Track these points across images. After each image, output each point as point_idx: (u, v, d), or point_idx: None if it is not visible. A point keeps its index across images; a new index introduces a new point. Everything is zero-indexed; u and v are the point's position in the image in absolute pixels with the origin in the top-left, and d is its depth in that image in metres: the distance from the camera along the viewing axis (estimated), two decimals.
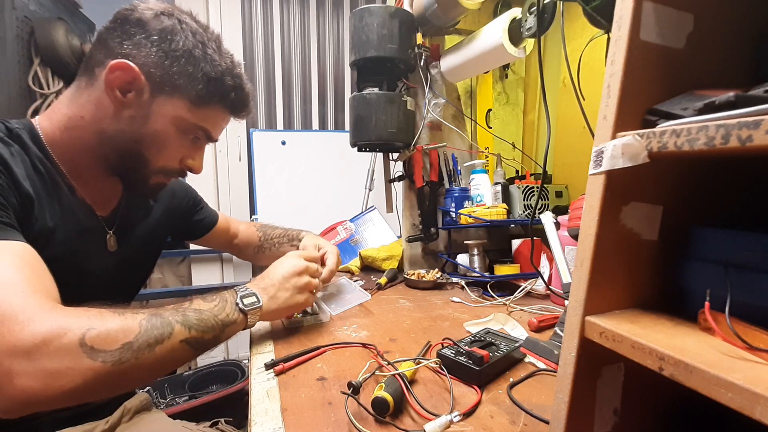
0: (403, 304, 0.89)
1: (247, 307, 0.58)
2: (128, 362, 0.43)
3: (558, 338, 0.63)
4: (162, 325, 0.47)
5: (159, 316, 0.48)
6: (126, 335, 0.44)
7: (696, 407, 0.35)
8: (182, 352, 0.49)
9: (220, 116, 0.64)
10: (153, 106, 0.57)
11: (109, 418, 0.66)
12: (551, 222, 0.74)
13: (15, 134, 0.54)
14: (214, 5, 1.93)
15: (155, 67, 0.56)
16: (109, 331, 0.43)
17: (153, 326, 0.46)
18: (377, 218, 1.40)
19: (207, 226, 0.93)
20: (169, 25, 0.56)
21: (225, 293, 0.58)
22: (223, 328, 0.54)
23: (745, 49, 0.35)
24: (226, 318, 0.55)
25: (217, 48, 0.60)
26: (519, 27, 0.88)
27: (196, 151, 0.66)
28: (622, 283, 0.33)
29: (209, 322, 0.52)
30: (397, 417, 0.46)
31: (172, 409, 1.33)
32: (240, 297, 0.58)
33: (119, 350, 0.43)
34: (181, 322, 0.49)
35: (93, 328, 0.42)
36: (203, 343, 0.51)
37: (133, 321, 0.45)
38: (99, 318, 0.44)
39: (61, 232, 0.56)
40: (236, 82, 0.62)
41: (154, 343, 0.45)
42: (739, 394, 0.22)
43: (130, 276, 0.74)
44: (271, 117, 2.13)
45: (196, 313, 0.52)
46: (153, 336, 0.45)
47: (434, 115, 1.13)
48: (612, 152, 0.30)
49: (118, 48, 0.55)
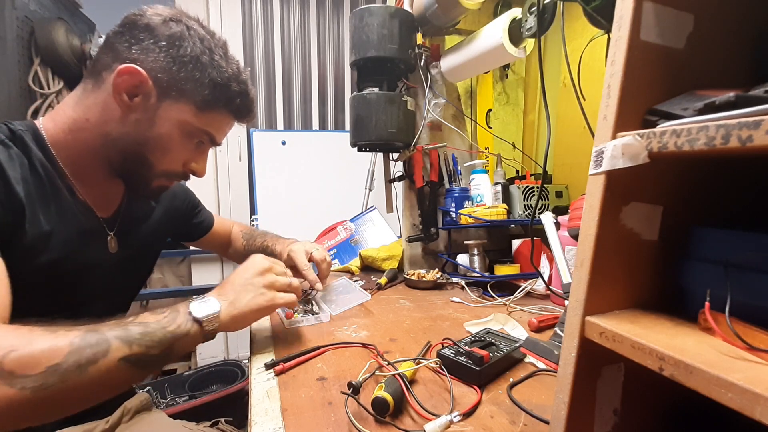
0: (403, 304, 0.89)
1: (201, 315, 0.52)
2: (53, 387, 0.38)
3: (558, 338, 0.63)
4: (97, 342, 0.42)
5: (95, 332, 0.43)
6: (52, 357, 0.39)
7: (696, 407, 0.35)
8: (122, 371, 0.44)
9: (225, 121, 0.65)
10: (159, 111, 0.58)
11: (110, 418, 0.66)
12: (551, 222, 0.74)
13: (17, 136, 0.54)
14: (214, 5, 1.93)
15: (163, 72, 0.56)
16: (33, 352, 0.39)
17: (87, 344, 0.42)
18: (377, 218, 1.40)
19: (204, 229, 0.94)
20: (177, 31, 0.57)
21: (178, 304, 0.54)
22: (174, 342, 0.49)
23: (745, 49, 0.35)
24: (177, 330, 0.49)
25: (224, 54, 0.61)
26: (519, 27, 0.88)
27: (199, 155, 0.66)
28: (622, 283, 0.33)
29: (155, 335, 0.47)
30: (397, 417, 0.46)
31: (172, 409, 1.33)
32: (193, 306, 0.53)
33: (42, 374, 0.38)
34: (121, 337, 0.44)
35: (15, 350, 0.38)
36: (148, 359, 0.46)
37: (63, 340, 0.41)
38: (26, 338, 0.40)
39: (60, 234, 0.56)
40: (242, 88, 0.63)
41: (86, 364, 0.41)
42: (739, 394, 0.22)
43: (130, 277, 0.74)
44: (271, 117, 2.13)
45: (141, 326, 0.47)
46: (84, 356, 0.41)
47: (434, 115, 1.13)
48: (612, 152, 0.30)
49: (126, 52, 0.56)
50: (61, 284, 0.58)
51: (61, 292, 0.58)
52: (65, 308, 0.45)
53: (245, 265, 0.63)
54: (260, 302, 0.59)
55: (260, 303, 0.58)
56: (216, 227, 0.96)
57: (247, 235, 0.98)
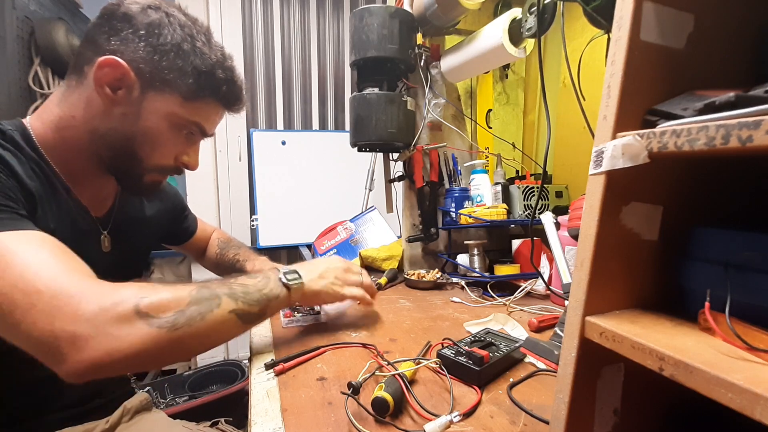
0: (403, 304, 0.89)
1: (290, 281, 0.60)
2: (182, 328, 0.45)
3: (558, 338, 0.63)
4: (210, 296, 0.49)
5: (207, 288, 0.50)
6: (178, 303, 0.46)
7: (696, 407, 0.35)
8: (231, 323, 0.51)
9: (213, 110, 0.63)
10: (144, 103, 0.56)
11: (109, 418, 0.66)
12: (551, 222, 0.74)
13: (8, 137, 0.53)
14: (214, 5, 1.93)
15: (144, 62, 0.55)
16: (161, 299, 0.45)
17: (202, 296, 0.48)
18: (377, 218, 1.40)
19: (190, 233, 0.94)
20: (156, 18, 0.55)
21: (267, 271, 0.61)
22: (268, 302, 0.56)
23: (746, 49, 0.35)
24: (270, 292, 0.57)
25: (207, 41, 0.59)
26: (519, 27, 0.88)
27: (190, 147, 0.65)
28: (622, 283, 0.33)
29: (254, 295, 0.54)
30: (397, 417, 0.46)
31: (172, 409, 1.34)
32: (283, 273, 0.61)
33: (173, 316, 0.45)
34: (228, 294, 0.51)
35: (145, 297, 0.44)
36: (250, 315, 0.53)
37: (183, 291, 0.48)
38: (150, 289, 0.46)
39: (60, 233, 0.55)
40: (227, 75, 0.61)
41: (205, 311, 0.47)
42: (739, 394, 0.22)
43: (124, 277, 0.73)
44: (271, 117, 2.13)
45: (242, 287, 0.54)
46: (204, 305, 0.48)
47: (434, 115, 1.13)
48: (612, 152, 0.30)
49: (105, 44, 0.54)
50: None
51: None
52: None
53: (330, 258, 0.75)
54: (335, 289, 0.68)
55: (335, 289, 0.68)
56: (199, 233, 0.96)
57: (222, 244, 0.97)
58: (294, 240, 2.02)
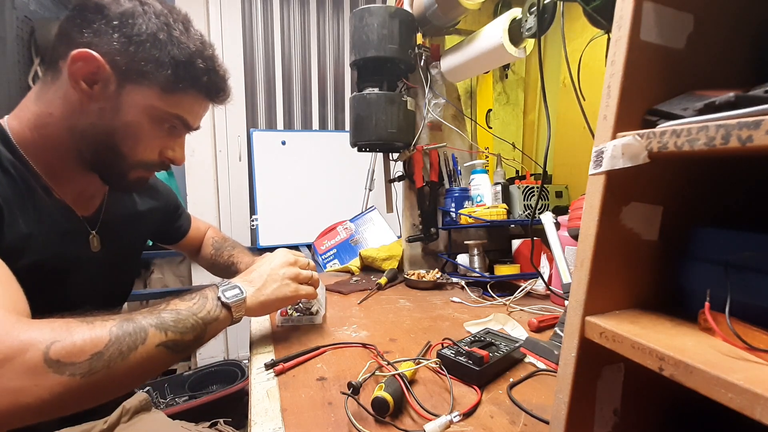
0: (403, 304, 0.89)
1: (229, 300, 0.55)
2: (100, 373, 0.40)
3: (558, 338, 0.63)
4: (135, 331, 0.44)
5: (131, 321, 0.45)
6: (94, 345, 0.41)
7: (696, 407, 0.35)
8: (160, 357, 0.46)
9: (196, 102, 0.61)
10: (122, 97, 0.54)
11: (108, 418, 0.66)
12: (551, 222, 0.74)
13: None
14: (214, 5, 1.93)
15: (119, 54, 0.52)
16: (75, 342, 0.40)
17: (125, 333, 0.44)
18: (377, 218, 1.40)
19: (183, 232, 0.92)
20: (129, 7, 0.53)
21: (205, 290, 0.55)
22: (205, 327, 0.51)
23: (745, 49, 0.35)
24: (207, 315, 0.52)
25: (185, 29, 0.57)
26: (519, 27, 0.88)
27: (174, 141, 0.62)
28: (622, 284, 0.33)
29: (188, 321, 0.49)
30: (397, 417, 0.46)
31: (172, 409, 1.33)
32: (222, 291, 0.56)
33: (88, 361, 0.40)
34: (156, 325, 0.46)
35: (58, 341, 0.39)
36: (183, 344, 0.49)
37: (102, 330, 0.43)
38: (65, 330, 0.41)
39: (40, 237, 0.54)
40: (208, 65, 0.59)
41: (127, 351, 0.43)
42: (739, 394, 0.22)
43: (116, 277, 0.72)
44: (271, 117, 2.13)
45: (173, 313, 0.49)
46: (125, 344, 0.43)
47: (434, 115, 1.13)
48: (612, 152, 0.30)
49: (78, 37, 0.52)
50: (45, 286, 0.56)
51: (46, 294, 0.56)
52: (54, 311, 0.44)
53: (272, 255, 0.68)
54: (285, 292, 0.63)
55: (285, 293, 0.63)
56: (192, 231, 0.94)
57: (217, 244, 0.96)
58: (294, 240, 2.02)
